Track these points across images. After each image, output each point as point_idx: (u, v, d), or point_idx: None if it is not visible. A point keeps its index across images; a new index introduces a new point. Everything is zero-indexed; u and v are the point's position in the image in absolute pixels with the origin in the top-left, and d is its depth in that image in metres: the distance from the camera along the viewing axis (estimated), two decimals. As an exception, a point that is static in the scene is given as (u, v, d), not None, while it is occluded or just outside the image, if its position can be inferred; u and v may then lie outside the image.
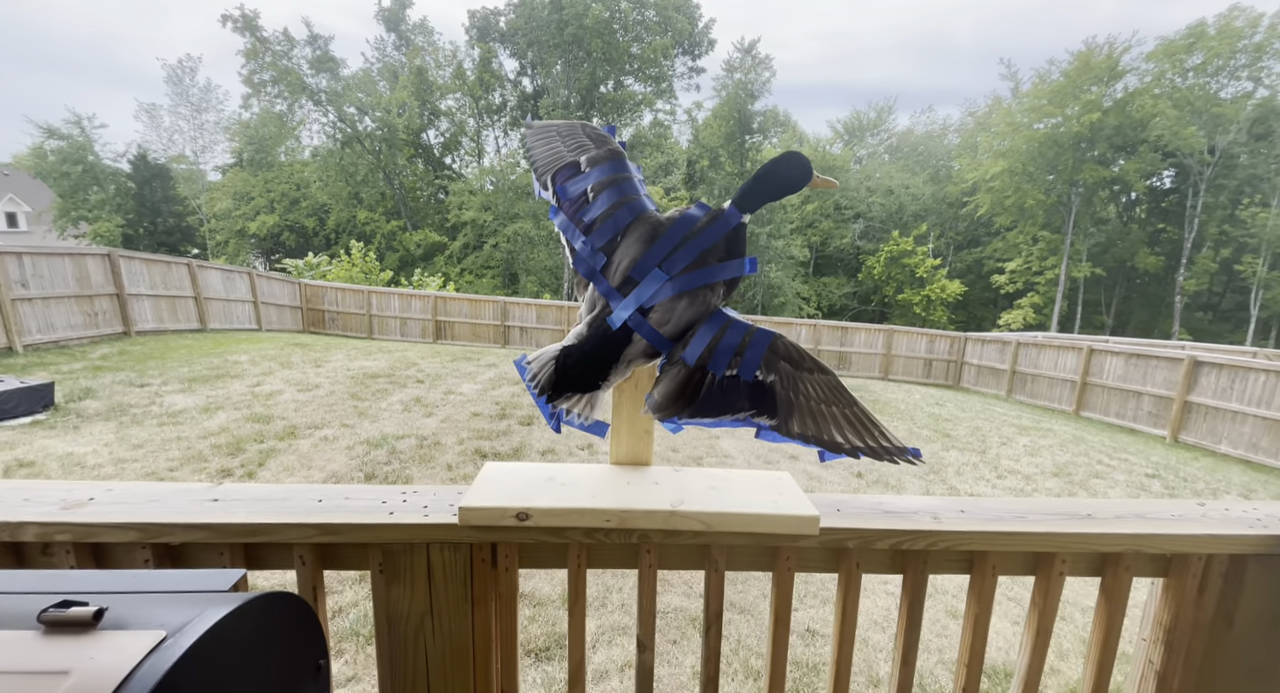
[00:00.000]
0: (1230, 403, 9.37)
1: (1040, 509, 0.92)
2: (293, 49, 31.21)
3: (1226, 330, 30.57)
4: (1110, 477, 6.95)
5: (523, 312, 15.90)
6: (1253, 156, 26.70)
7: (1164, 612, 0.92)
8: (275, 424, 5.51)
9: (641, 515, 0.82)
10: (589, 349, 0.83)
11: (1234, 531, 0.86)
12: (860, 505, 0.91)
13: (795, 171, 0.80)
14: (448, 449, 5.15)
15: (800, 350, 0.77)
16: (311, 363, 8.70)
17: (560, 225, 0.88)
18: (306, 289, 15.75)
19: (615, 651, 2.61)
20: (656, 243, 0.81)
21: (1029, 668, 0.93)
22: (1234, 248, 27.77)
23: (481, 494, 0.84)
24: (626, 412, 0.94)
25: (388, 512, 0.84)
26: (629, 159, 0.90)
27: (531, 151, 0.94)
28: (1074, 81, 28.54)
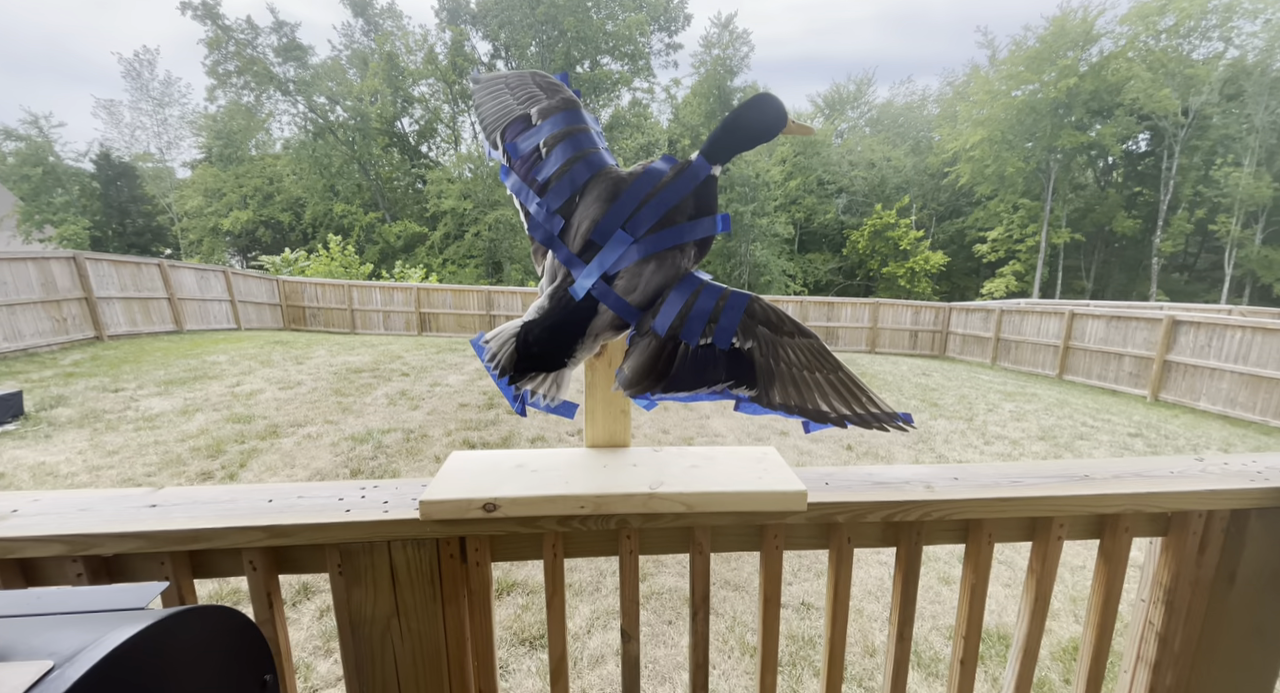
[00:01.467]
0: (1208, 360, 9.53)
1: (1035, 473, 0.88)
2: (257, 37, 30.17)
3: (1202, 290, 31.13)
4: (1094, 438, 7.05)
5: (508, 300, 15.72)
6: (1225, 117, 26.88)
7: (1164, 572, 0.90)
8: (257, 424, 5.40)
9: (618, 500, 0.76)
10: (551, 323, 0.76)
11: (1234, 485, 0.83)
12: (849, 478, 0.87)
13: (768, 117, 0.73)
14: (435, 442, 5.08)
15: (779, 313, 0.71)
16: (293, 360, 8.54)
17: (512, 187, 0.80)
18: (285, 286, 15.44)
19: (611, 635, 2.59)
20: (618, 201, 0.74)
21: (1028, 635, 0.90)
22: (1208, 208, 28.09)
23: (445, 486, 0.78)
24: (601, 391, 0.88)
25: (344, 510, 0.77)
26: (585, 109, 0.82)
27: (480, 108, 0.86)
28: (1050, 47, 28.46)
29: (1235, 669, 0.90)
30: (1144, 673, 0.94)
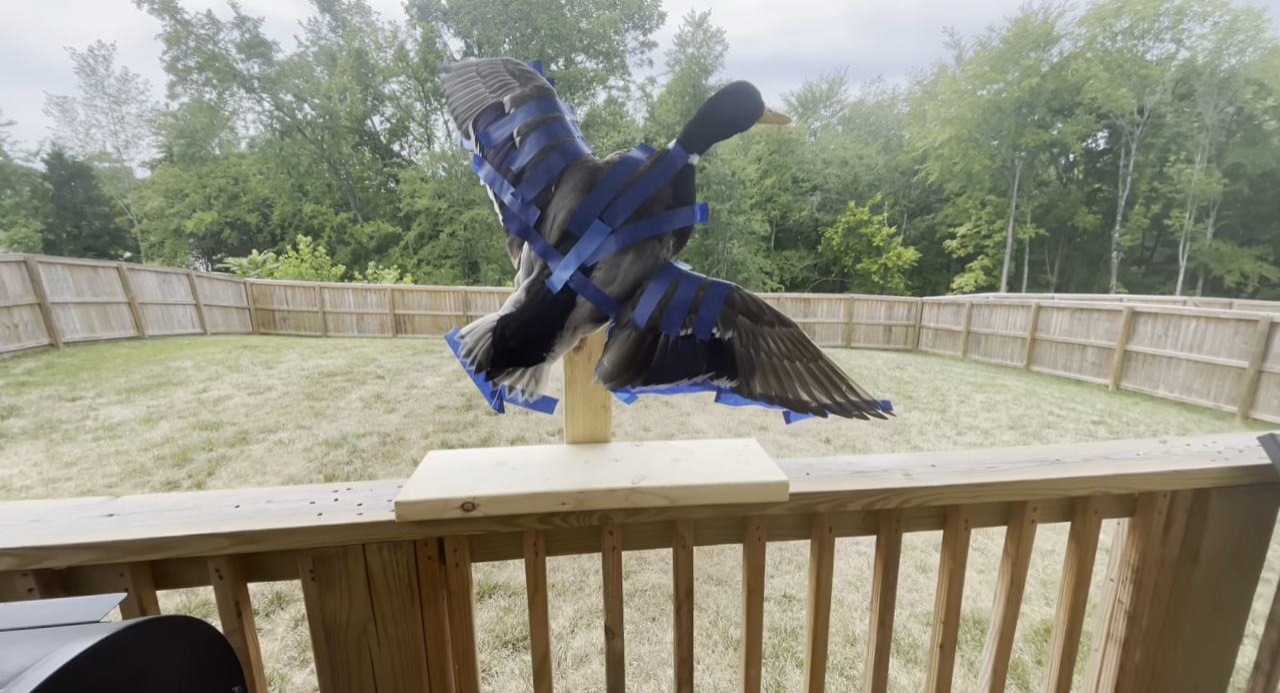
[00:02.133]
0: (1165, 349, 9.90)
1: (1009, 458, 0.90)
2: (219, 33, 29.25)
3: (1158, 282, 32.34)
4: (1061, 427, 7.27)
5: (486, 300, 15.54)
6: (1177, 115, 27.97)
7: (1131, 551, 0.92)
8: (225, 431, 5.24)
9: (600, 495, 0.75)
10: (529, 317, 0.74)
11: (1197, 465, 0.86)
12: (830, 467, 0.87)
13: (746, 105, 0.72)
14: (412, 445, 5.00)
15: (759, 302, 0.71)
16: (262, 365, 8.31)
17: (486, 178, 0.78)
18: (253, 288, 15.02)
19: (595, 634, 2.58)
20: (595, 191, 0.73)
21: (1004, 619, 0.92)
22: (1163, 203, 29.19)
23: (421, 487, 0.76)
24: (580, 386, 0.87)
25: (316, 513, 0.75)
26: (559, 98, 0.80)
27: (451, 97, 0.84)
28: (1013, 47, 29.25)
29: (1199, 644, 0.93)
30: (1114, 651, 0.96)
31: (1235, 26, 26.13)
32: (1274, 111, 26.62)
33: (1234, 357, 8.76)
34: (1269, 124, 27.24)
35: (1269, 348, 8.26)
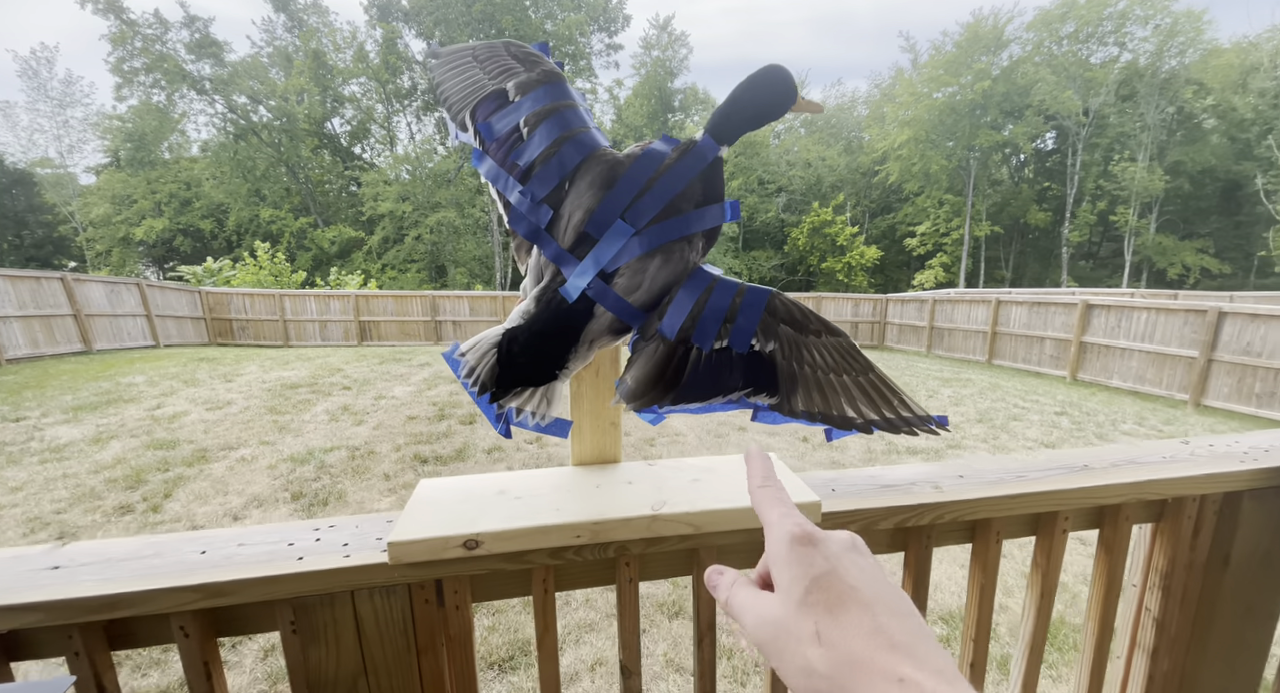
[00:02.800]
0: (1119, 341, 10.30)
1: (1037, 466, 0.86)
2: (167, 33, 28.05)
3: (1105, 276, 33.86)
4: (1026, 418, 7.48)
5: (454, 305, 15.23)
6: (1120, 116, 29.36)
7: (1160, 557, 0.90)
8: (182, 449, 4.96)
9: (618, 525, 0.68)
10: (540, 330, 0.66)
11: (1226, 467, 0.84)
12: (855, 481, 0.82)
13: (779, 91, 0.66)
14: (383, 458, 4.82)
15: (804, 310, 0.65)
16: (221, 378, 7.94)
17: (488, 174, 0.70)
18: (209, 298, 14.38)
19: (585, 650, 2.50)
20: (616, 188, 0.65)
21: (1034, 632, 0.88)
22: (1108, 201, 30.59)
23: (416, 522, 0.67)
24: (588, 402, 0.80)
25: (296, 557, 0.66)
26: (570, 84, 0.72)
27: (442, 86, 0.74)
28: (965, 52, 30.29)
29: (1230, 650, 0.91)
30: (1141, 660, 0.94)
31: (1175, 29, 27.57)
32: (1212, 110, 28.19)
33: (1184, 346, 9.17)
34: (1208, 122, 28.83)
35: (1218, 337, 8.67)
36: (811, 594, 0.30)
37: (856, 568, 0.32)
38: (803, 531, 0.33)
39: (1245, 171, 28.04)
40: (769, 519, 0.35)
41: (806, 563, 0.32)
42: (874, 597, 0.30)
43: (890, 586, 0.32)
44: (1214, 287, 29.10)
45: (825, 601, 0.30)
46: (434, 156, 31.32)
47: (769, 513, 0.36)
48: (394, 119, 34.83)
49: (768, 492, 0.37)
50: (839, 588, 0.30)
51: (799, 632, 0.30)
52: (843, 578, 0.31)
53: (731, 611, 0.35)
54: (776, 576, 0.33)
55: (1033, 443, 6.25)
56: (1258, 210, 28.12)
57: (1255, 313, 8.27)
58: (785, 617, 0.31)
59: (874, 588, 0.31)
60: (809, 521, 0.35)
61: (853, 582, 0.31)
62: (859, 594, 0.30)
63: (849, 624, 0.29)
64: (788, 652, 0.30)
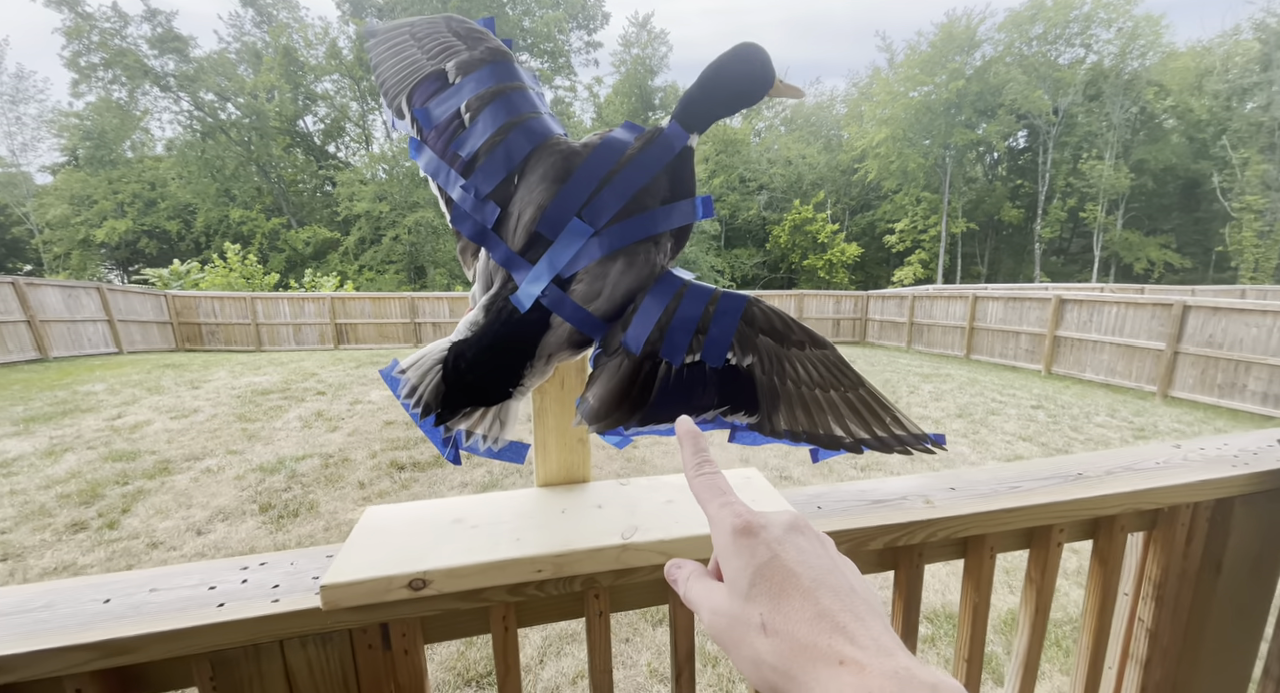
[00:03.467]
0: (1090, 334, 10.52)
1: (1031, 475, 0.82)
2: (126, 27, 27.08)
3: (1076, 271, 34.71)
4: (1004, 412, 7.59)
5: (434, 307, 14.96)
6: (1088, 115, 30.12)
7: (1153, 566, 0.86)
8: (144, 460, 4.76)
9: (584, 557, 0.62)
10: (490, 343, 0.59)
11: (1219, 473, 0.81)
12: (842, 497, 0.77)
13: (756, 73, 0.58)
14: (358, 465, 4.68)
15: (785, 319, 0.58)
16: (187, 384, 7.68)
17: (426, 166, 0.62)
18: (175, 302, 13.92)
19: (566, 664, 2.42)
20: (571, 181, 0.57)
21: (1028, 649, 0.84)
22: (1078, 198, 31.36)
23: (357, 560, 0.60)
24: (553, 417, 0.73)
25: (216, 603, 0.58)
26: (519, 65, 0.64)
27: (379, 67, 0.66)
28: (940, 52, 30.81)
29: (1221, 656, 0.88)
30: (1134, 672, 0.91)
31: (1137, 32, 28.38)
32: (1172, 111, 29.09)
33: (1152, 339, 9.40)
34: (1168, 122, 29.74)
35: (1183, 330, 8.90)
36: (756, 586, 0.31)
37: (797, 551, 0.32)
38: (743, 521, 0.33)
39: (1203, 170, 28.99)
40: (709, 511, 0.35)
41: (749, 553, 0.32)
42: (815, 580, 0.31)
43: (831, 564, 0.32)
44: (1176, 281, 30.06)
45: (769, 590, 0.31)
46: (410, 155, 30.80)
47: (709, 505, 0.36)
48: (369, 117, 34.17)
49: (704, 481, 0.37)
50: (781, 575, 0.31)
51: (747, 623, 0.30)
52: (785, 564, 0.31)
53: (690, 605, 0.35)
54: (724, 568, 0.33)
55: (1011, 437, 6.33)
56: (1214, 207, 29.09)
57: (1217, 306, 8.51)
58: (734, 609, 0.31)
59: (815, 570, 0.31)
60: (749, 508, 0.34)
61: (794, 567, 0.31)
62: (800, 580, 0.30)
63: (792, 611, 0.29)
64: (739, 643, 0.31)
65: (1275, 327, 7.75)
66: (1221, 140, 27.67)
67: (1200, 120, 28.35)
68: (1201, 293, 17.10)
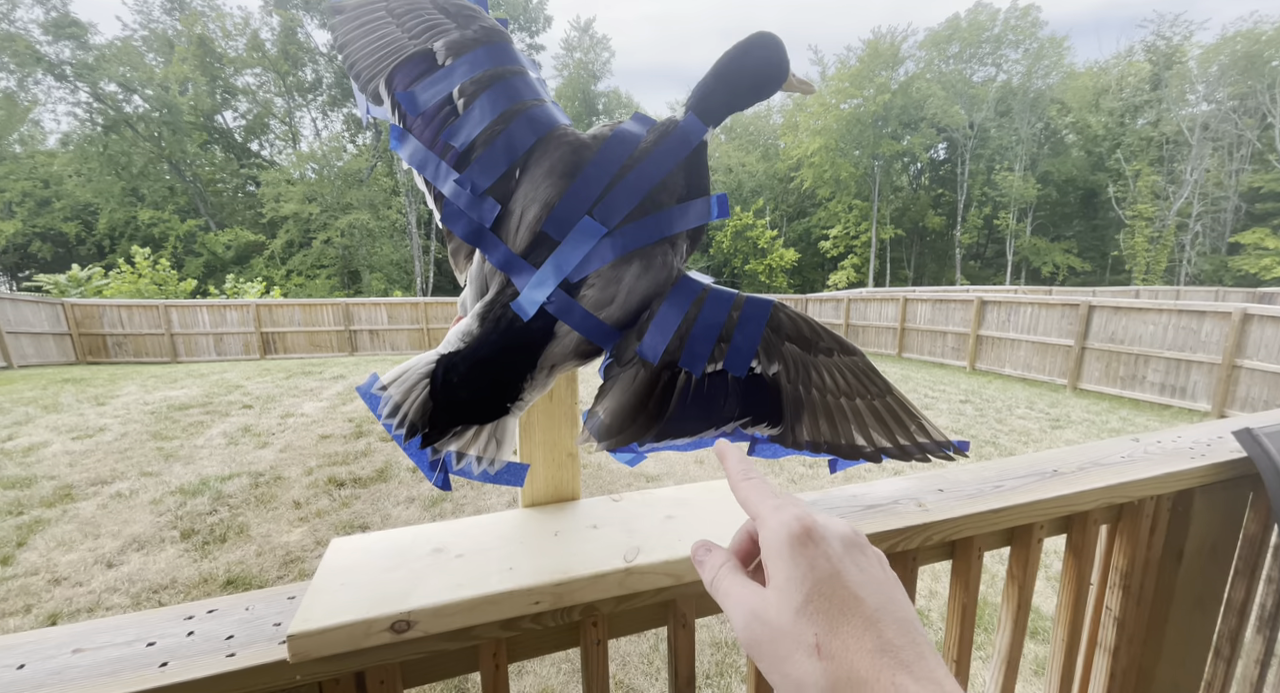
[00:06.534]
0: (1009, 333, 11.28)
1: (1011, 473, 0.84)
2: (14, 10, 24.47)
3: (991, 274, 37.34)
4: (936, 408, 8.02)
5: (370, 313, 14.27)
6: (1000, 130, 32.56)
7: (1120, 557, 0.90)
8: (40, 487, 4.27)
9: (586, 584, 0.57)
10: (486, 355, 0.53)
11: (1182, 466, 0.85)
12: (836, 503, 0.75)
13: (773, 61, 0.55)
14: (293, 484, 4.37)
15: (812, 325, 0.56)
16: (91, 401, 6.97)
17: (411, 157, 0.55)
18: (75, 310, 12.62)
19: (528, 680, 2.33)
20: (582, 176, 0.53)
21: (1010, 647, 0.86)
22: (992, 206, 33.79)
23: (325, 603, 0.53)
24: (541, 432, 0.68)
25: (158, 663, 0.50)
26: (517, 48, 0.58)
27: (347, 48, 0.59)
28: (867, 66, 32.52)
29: (1181, 642, 0.94)
30: (1102, 659, 0.95)
31: (1042, 53, 30.96)
32: (1072, 127, 31.90)
33: (1062, 336, 10.19)
34: (1069, 137, 32.59)
35: (1089, 328, 9.70)
36: (812, 602, 0.29)
37: (859, 571, 0.30)
38: (802, 526, 0.31)
39: (1099, 181, 31.93)
40: (761, 513, 0.33)
41: (808, 564, 0.30)
42: (878, 606, 0.29)
43: (892, 590, 0.30)
44: (1078, 282, 32.90)
45: (827, 609, 0.28)
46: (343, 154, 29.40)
47: (760, 506, 0.34)
48: (296, 114, 32.39)
49: (753, 485, 0.36)
50: (842, 596, 0.29)
51: (797, 639, 0.28)
52: (846, 584, 0.29)
53: (718, 598, 0.33)
54: (772, 571, 0.31)
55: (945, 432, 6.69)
56: (1110, 215, 32.08)
57: (1117, 306, 9.33)
58: (781, 620, 0.29)
59: (878, 596, 0.29)
60: (806, 510, 0.32)
61: (856, 589, 0.29)
62: (863, 606, 0.29)
63: (851, 637, 0.27)
64: (781, 658, 0.28)
65: (1170, 324, 8.57)
66: (1116, 154, 30.58)
67: (1097, 135, 31.21)
68: (1102, 293, 18.76)
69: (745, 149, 39.90)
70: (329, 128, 32.86)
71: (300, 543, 3.47)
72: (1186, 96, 29.07)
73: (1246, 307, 7.70)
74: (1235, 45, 26.30)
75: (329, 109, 32.21)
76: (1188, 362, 8.33)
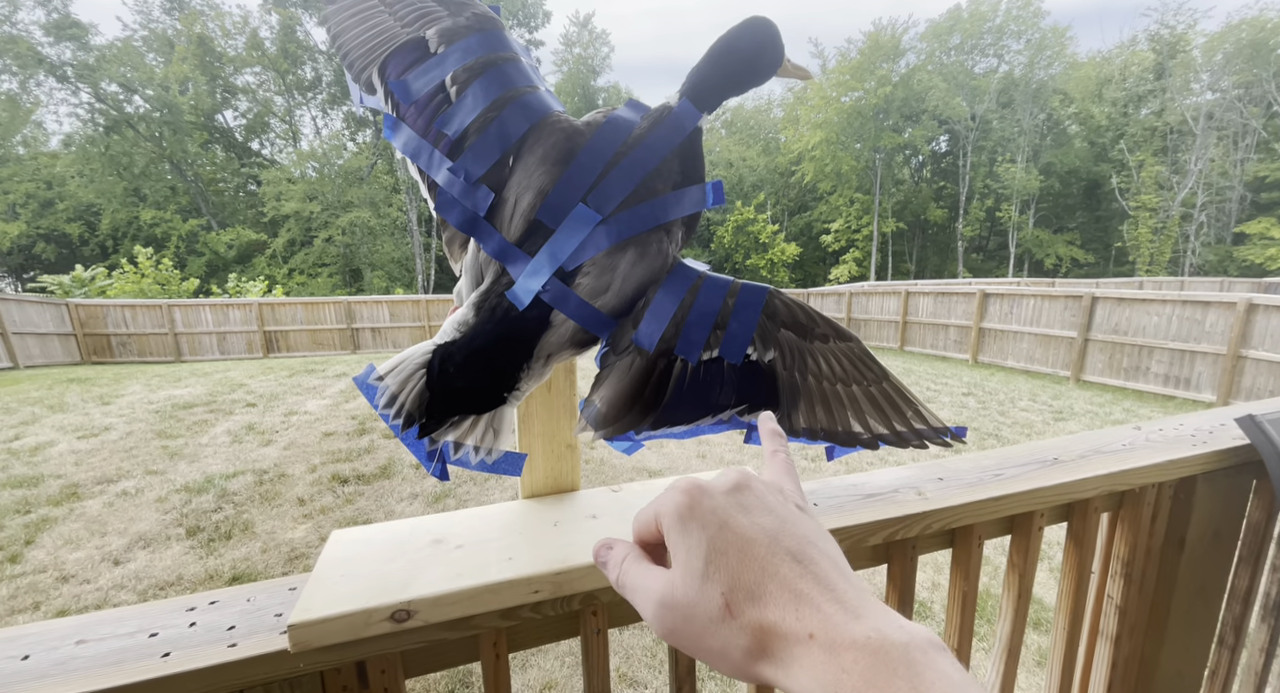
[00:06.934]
0: (1011, 325, 11.25)
1: (1011, 462, 0.84)
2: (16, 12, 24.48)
3: (994, 266, 37.18)
4: (939, 401, 8.00)
5: (372, 311, 14.30)
6: (1002, 122, 32.34)
7: (1121, 545, 0.90)
8: (47, 486, 4.30)
9: (584, 573, 0.57)
10: (482, 345, 0.53)
11: (1181, 453, 0.85)
12: (836, 493, 0.75)
13: (768, 47, 0.55)
14: (296, 481, 4.39)
15: (809, 312, 0.56)
16: (96, 401, 7.01)
17: (405, 146, 0.55)
18: (80, 311, 12.68)
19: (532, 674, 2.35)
20: (575, 163, 0.52)
21: (1011, 635, 0.86)
22: (994, 198, 33.61)
23: (326, 593, 0.53)
24: (540, 423, 0.68)
25: (160, 654, 0.50)
26: (510, 34, 0.58)
27: (340, 37, 0.59)
28: (868, 59, 32.32)
29: (1183, 631, 0.93)
30: (1104, 647, 0.95)
31: (1044, 43, 30.73)
32: (1075, 117, 31.68)
33: (1065, 328, 10.16)
34: (1072, 128, 32.37)
35: (1092, 319, 9.66)
36: (712, 562, 0.27)
37: (744, 512, 0.29)
38: (686, 495, 0.29)
39: (1103, 172, 31.72)
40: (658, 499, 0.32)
41: (699, 526, 0.28)
42: (769, 545, 0.27)
43: (781, 520, 0.28)
44: (1081, 274, 32.75)
45: (726, 563, 0.27)
46: (344, 153, 29.39)
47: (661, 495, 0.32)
48: (296, 112, 32.38)
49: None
50: (736, 544, 0.27)
51: (707, 608, 0.26)
52: (735, 530, 0.28)
53: (627, 596, 0.31)
54: (673, 552, 0.29)
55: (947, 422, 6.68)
56: (1113, 206, 31.88)
57: (1121, 297, 9.29)
58: (689, 594, 0.27)
59: (767, 533, 0.28)
60: (694, 479, 0.31)
61: (745, 532, 0.28)
62: (755, 546, 0.27)
63: (754, 583, 0.26)
64: (702, 635, 0.27)
65: (1173, 315, 8.53)
66: (1119, 144, 30.37)
67: (1100, 125, 30.98)
68: (1105, 285, 18.67)
69: (746, 143, 39.75)
70: (329, 126, 32.86)
71: (305, 539, 3.49)
72: (1191, 86, 28.83)
73: (1251, 297, 7.66)
74: (1240, 33, 26.05)
75: (329, 107, 32.19)
76: (1192, 352, 8.30)
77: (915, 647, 0.22)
